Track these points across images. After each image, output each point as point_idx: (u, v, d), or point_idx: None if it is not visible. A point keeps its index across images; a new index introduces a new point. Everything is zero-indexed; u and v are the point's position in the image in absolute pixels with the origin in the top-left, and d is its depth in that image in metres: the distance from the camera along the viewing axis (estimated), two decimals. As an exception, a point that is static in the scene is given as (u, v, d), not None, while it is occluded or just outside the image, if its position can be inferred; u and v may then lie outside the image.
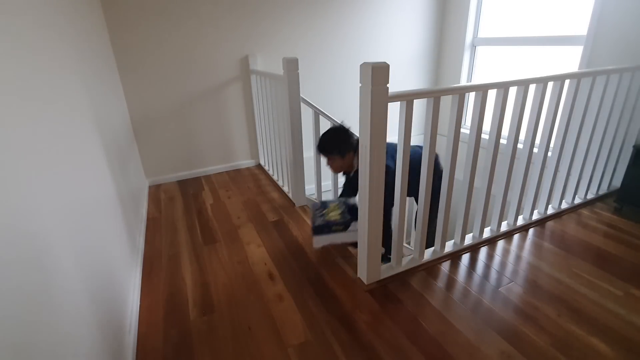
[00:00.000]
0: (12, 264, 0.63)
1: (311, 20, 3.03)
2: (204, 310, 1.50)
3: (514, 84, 1.58)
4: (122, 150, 2.07)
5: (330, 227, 1.77)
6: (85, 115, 1.40)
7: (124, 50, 2.53)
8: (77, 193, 1.10)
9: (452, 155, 1.57)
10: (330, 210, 1.88)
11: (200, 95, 2.87)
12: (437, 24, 3.62)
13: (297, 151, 2.24)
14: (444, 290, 1.56)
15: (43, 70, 1.03)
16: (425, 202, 1.60)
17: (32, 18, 1.03)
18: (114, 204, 1.58)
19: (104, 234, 1.32)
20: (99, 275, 1.15)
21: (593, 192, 2.32)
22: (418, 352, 1.27)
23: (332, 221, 1.78)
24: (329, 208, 1.90)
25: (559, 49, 2.80)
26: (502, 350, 1.26)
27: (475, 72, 3.57)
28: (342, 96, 3.36)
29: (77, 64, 1.43)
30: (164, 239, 2.10)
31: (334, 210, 1.86)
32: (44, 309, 0.72)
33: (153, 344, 1.36)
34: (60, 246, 0.87)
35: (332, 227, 1.77)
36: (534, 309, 1.44)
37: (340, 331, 1.37)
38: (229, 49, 2.83)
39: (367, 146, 1.34)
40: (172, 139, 2.89)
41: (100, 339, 1.03)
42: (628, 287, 1.54)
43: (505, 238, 1.93)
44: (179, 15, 2.60)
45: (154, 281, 1.72)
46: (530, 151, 1.81)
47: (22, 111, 0.82)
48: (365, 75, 1.24)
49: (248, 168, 3.21)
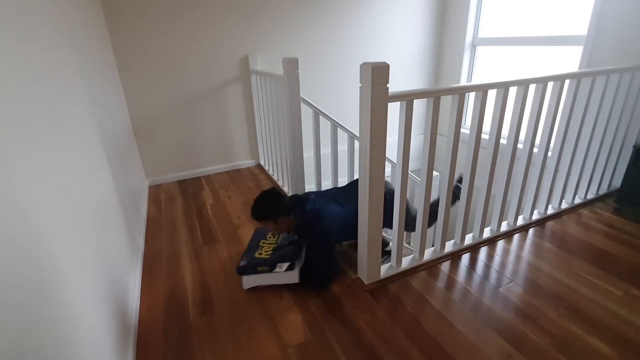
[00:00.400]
0: (12, 264, 0.63)
1: (311, 20, 3.03)
2: (204, 310, 1.50)
3: (514, 84, 1.58)
4: (122, 150, 2.07)
5: (255, 267, 1.58)
6: (86, 114, 1.40)
7: (124, 50, 2.53)
8: (77, 193, 1.10)
9: (452, 155, 1.57)
10: (267, 242, 1.72)
11: (200, 95, 2.87)
12: (437, 24, 3.62)
13: (297, 151, 2.23)
14: (444, 290, 1.56)
15: (43, 69, 1.03)
16: (425, 201, 1.60)
17: (32, 18, 1.03)
18: (114, 203, 1.58)
19: (104, 233, 1.32)
20: (99, 275, 1.15)
21: (593, 192, 2.32)
22: (418, 352, 1.27)
23: (259, 259, 1.60)
24: (266, 240, 1.74)
25: (559, 49, 2.80)
26: (502, 350, 1.26)
27: (475, 72, 3.57)
28: (342, 96, 3.36)
29: (77, 64, 1.42)
30: (164, 239, 2.10)
31: (270, 244, 1.71)
32: (44, 309, 0.72)
33: (153, 344, 1.36)
34: (60, 246, 0.87)
35: (257, 268, 1.57)
36: (534, 309, 1.43)
37: (340, 331, 1.37)
38: (229, 49, 2.83)
39: (367, 146, 1.34)
40: (172, 139, 2.89)
41: (100, 338, 1.03)
42: (628, 287, 1.54)
43: (505, 238, 1.93)
44: (179, 15, 2.60)
45: (154, 281, 1.72)
46: (530, 151, 1.81)
47: (22, 111, 0.82)
48: (365, 75, 1.24)
49: (248, 168, 3.21)
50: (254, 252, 1.67)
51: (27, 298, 0.66)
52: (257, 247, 1.70)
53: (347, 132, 2.22)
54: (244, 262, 1.61)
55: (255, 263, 1.59)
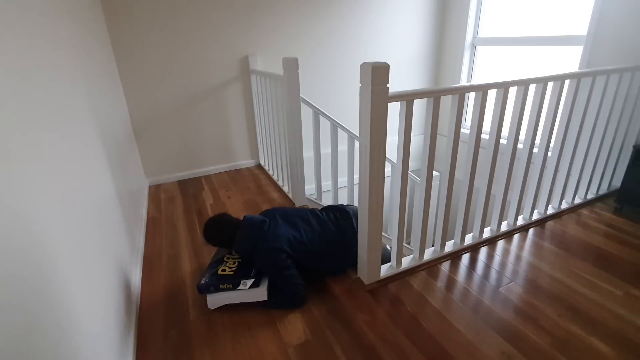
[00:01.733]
0: (12, 264, 0.63)
1: (311, 20, 3.03)
2: (204, 310, 1.50)
3: (514, 84, 1.58)
4: (122, 150, 2.07)
5: (217, 285, 1.45)
6: (86, 114, 1.40)
7: (124, 50, 2.53)
8: (77, 193, 1.10)
9: (452, 155, 1.57)
10: (232, 257, 1.60)
11: (200, 95, 2.87)
12: (437, 24, 3.62)
13: (297, 151, 2.24)
14: (444, 290, 1.56)
15: (43, 69, 1.03)
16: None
17: (32, 18, 1.03)
18: (114, 203, 1.58)
19: (104, 233, 1.32)
20: (99, 275, 1.15)
21: (593, 192, 2.32)
22: (418, 352, 1.27)
23: (222, 276, 1.48)
24: (232, 255, 1.62)
25: (559, 49, 2.80)
26: (502, 351, 1.26)
27: (475, 72, 3.57)
28: (342, 96, 3.36)
29: (77, 64, 1.42)
30: (164, 238, 2.10)
31: (235, 259, 1.58)
32: (43, 309, 0.72)
33: (153, 344, 1.36)
34: (60, 246, 0.87)
35: (220, 286, 1.46)
36: (534, 309, 1.44)
37: (340, 331, 1.37)
38: (229, 49, 2.83)
39: (367, 146, 1.34)
40: (172, 139, 2.89)
41: (100, 338, 1.03)
42: (628, 287, 1.54)
43: (505, 238, 1.93)
44: (179, 15, 2.60)
45: (154, 281, 1.72)
46: (530, 151, 1.81)
47: (22, 110, 0.82)
48: (365, 75, 1.24)
49: (248, 168, 3.21)
50: (217, 267, 1.53)
51: (26, 298, 0.66)
52: (222, 262, 1.57)
53: (347, 132, 2.22)
54: (204, 279, 1.48)
55: (217, 280, 1.46)
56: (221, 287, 1.46)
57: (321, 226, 1.63)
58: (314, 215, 1.69)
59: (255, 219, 1.57)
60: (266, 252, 1.47)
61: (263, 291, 1.48)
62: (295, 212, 1.70)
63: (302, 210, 1.72)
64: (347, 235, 1.63)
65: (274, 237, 1.50)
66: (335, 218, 1.68)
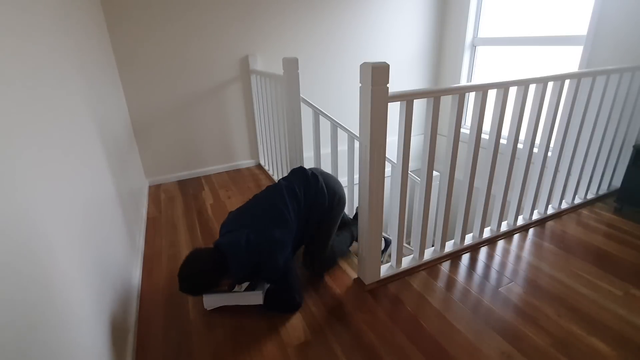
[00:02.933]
0: (12, 264, 0.63)
1: (311, 20, 3.03)
2: (204, 310, 1.50)
3: (514, 84, 1.58)
4: (122, 150, 2.07)
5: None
6: (86, 114, 1.40)
7: (124, 50, 2.52)
8: (77, 192, 1.10)
9: (452, 155, 1.57)
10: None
11: (200, 95, 2.87)
12: (437, 24, 3.62)
13: (297, 151, 2.23)
14: (444, 290, 1.56)
15: (43, 69, 1.03)
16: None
17: (33, 18, 1.03)
18: (114, 203, 1.58)
19: (104, 233, 1.32)
20: (99, 275, 1.15)
21: (593, 192, 2.32)
22: (418, 352, 1.27)
23: None
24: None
25: (559, 49, 2.80)
26: (502, 351, 1.26)
27: (475, 72, 3.57)
28: (342, 96, 3.36)
29: (77, 64, 1.42)
30: (164, 238, 2.10)
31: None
32: (43, 309, 0.72)
33: (153, 344, 1.36)
34: (60, 246, 0.87)
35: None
36: (534, 309, 1.44)
37: (341, 331, 1.37)
38: (229, 49, 2.83)
39: (367, 146, 1.34)
40: (172, 139, 2.89)
41: (100, 338, 1.03)
42: (628, 287, 1.54)
43: (505, 238, 1.93)
44: (179, 15, 2.60)
45: (154, 281, 1.72)
46: (530, 151, 1.81)
47: (22, 110, 0.82)
48: (365, 75, 1.24)
49: (248, 168, 3.21)
50: None
51: (26, 297, 0.66)
52: None
53: (347, 132, 2.22)
54: None
55: None
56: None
57: (298, 218, 1.51)
58: (284, 205, 1.48)
59: (233, 241, 1.36)
60: (270, 268, 1.37)
61: (259, 296, 1.47)
62: (261, 207, 1.49)
63: (270, 203, 1.48)
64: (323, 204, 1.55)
65: (271, 242, 1.37)
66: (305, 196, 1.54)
